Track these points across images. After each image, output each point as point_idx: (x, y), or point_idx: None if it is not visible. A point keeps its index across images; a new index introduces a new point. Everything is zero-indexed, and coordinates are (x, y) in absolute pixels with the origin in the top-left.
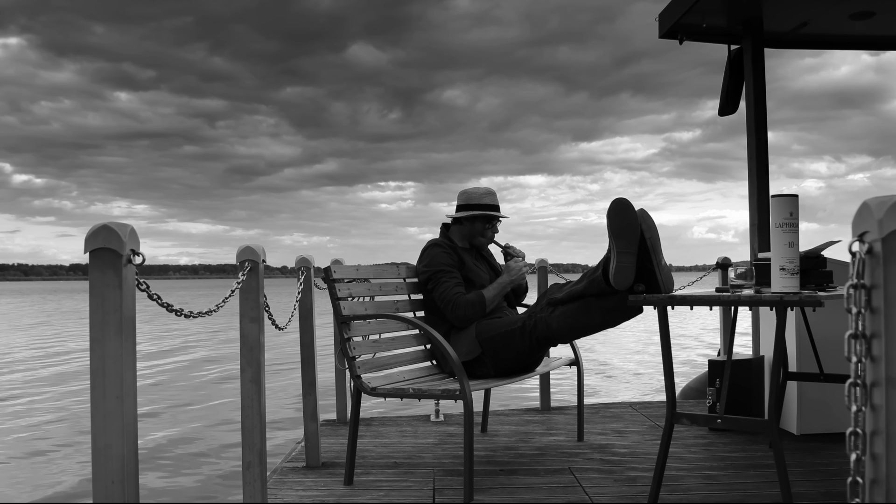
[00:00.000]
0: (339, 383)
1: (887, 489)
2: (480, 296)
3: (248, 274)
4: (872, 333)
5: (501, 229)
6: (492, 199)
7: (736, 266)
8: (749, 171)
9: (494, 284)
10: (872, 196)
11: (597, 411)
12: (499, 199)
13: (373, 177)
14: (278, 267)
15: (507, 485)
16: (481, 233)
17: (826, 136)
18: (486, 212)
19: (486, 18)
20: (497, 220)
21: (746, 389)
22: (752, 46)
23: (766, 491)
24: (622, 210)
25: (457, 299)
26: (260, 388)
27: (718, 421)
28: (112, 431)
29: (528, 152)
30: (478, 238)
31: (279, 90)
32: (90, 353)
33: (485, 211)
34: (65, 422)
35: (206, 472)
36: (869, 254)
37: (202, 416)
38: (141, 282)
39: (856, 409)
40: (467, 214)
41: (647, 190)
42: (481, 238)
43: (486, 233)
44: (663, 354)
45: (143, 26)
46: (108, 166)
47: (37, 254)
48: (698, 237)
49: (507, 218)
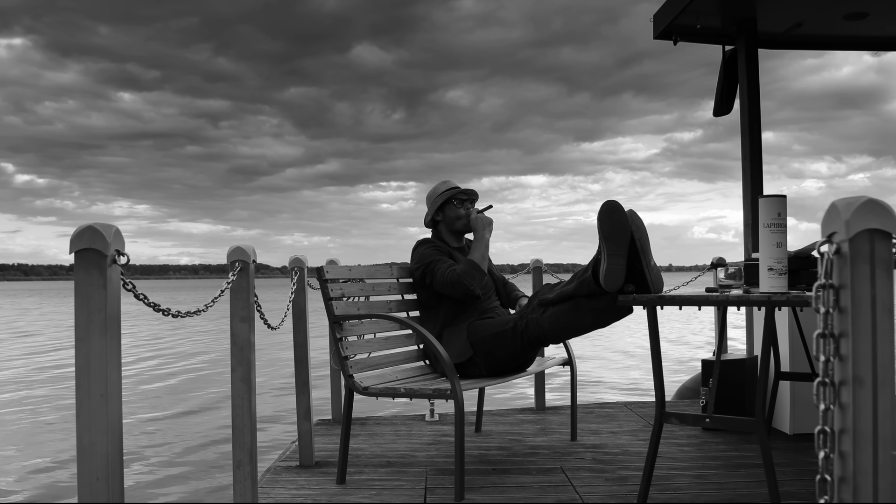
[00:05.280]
0: (334, 383)
1: (854, 487)
2: (469, 261)
3: (239, 274)
4: (840, 333)
5: (504, 224)
6: (449, 185)
7: (725, 266)
8: (743, 172)
9: (474, 246)
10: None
11: (591, 411)
12: (499, 199)
13: (374, 177)
14: (278, 267)
15: (498, 484)
16: (457, 215)
17: (827, 136)
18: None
19: (491, 19)
20: (466, 199)
21: (740, 389)
22: (746, 47)
23: (756, 490)
24: (613, 213)
25: (451, 276)
26: (250, 387)
27: (707, 420)
28: (97, 429)
29: (529, 152)
30: (459, 223)
31: (283, 90)
32: (75, 352)
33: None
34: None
35: (197, 471)
36: (837, 254)
37: (198, 415)
38: (127, 282)
39: (824, 407)
40: (434, 207)
41: (647, 190)
42: (462, 221)
43: (460, 211)
44: (652, 354)
45: (148, 27)
46: (111, 166)
47: (38, 254)
48: (699, 237)
49: (476, 193)
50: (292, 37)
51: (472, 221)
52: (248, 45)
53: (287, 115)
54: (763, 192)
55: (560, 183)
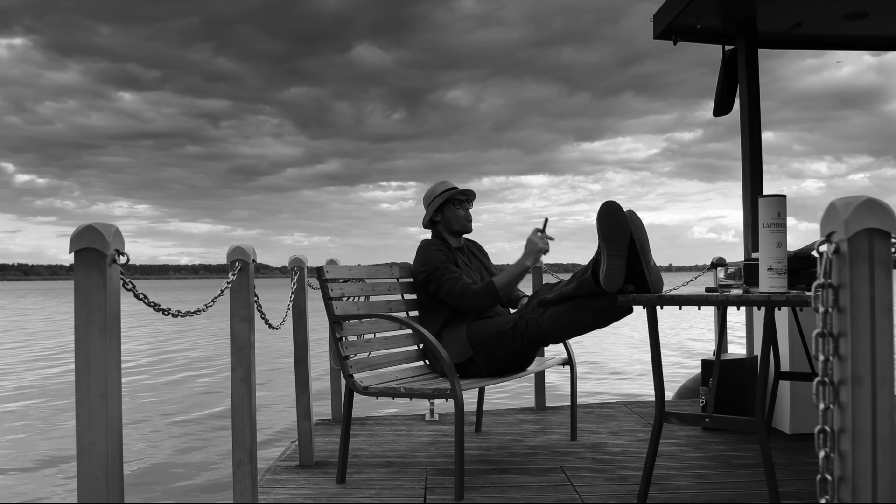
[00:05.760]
0: (335, 382)
1: (854, 486)
2: (490, 283)
3: (239, 274)
4: (839, 332)
5: (504, 224)
6: (446, 185)
7: (725, 266)
8: (743, 172)
9: (508, 269)
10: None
11: (591, 410)
12: (499, 199)
13: (375, 177)
14: (278, 267)
15: (498, 484)
16: (456, 217)
17: (827, 136)
18: (445, 194)
19: (491, 19)
20: (465, 199)
21: (740, 388)
22: (746, 47)
23: (755, 490)
24: (612, 214)
25: (464, 292)
26: (250, 386)
27: (707, 420)
28: (96, 429)
29: (530, 152)
30: (458, 223)
31: (283, 90)
32: (75, 351)
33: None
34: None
35: (196, 470)
36: (836, 254)
37: (196, 415)
38: (127, 281)
39: (823, 407)
40: (433, 208)
41: (648, 190)
42: (461, 222)
43: (459, 212)
44: (652, 353)
45: (148, 27)
46: (111, 166)
47: (38, 253)
48: (699, 237)
49: (473, 193)
50: (293, 37)
51: (528, 243)
52: (249, 45)
53: (287, 115)
54: (763, 192)
55: (560, 183)
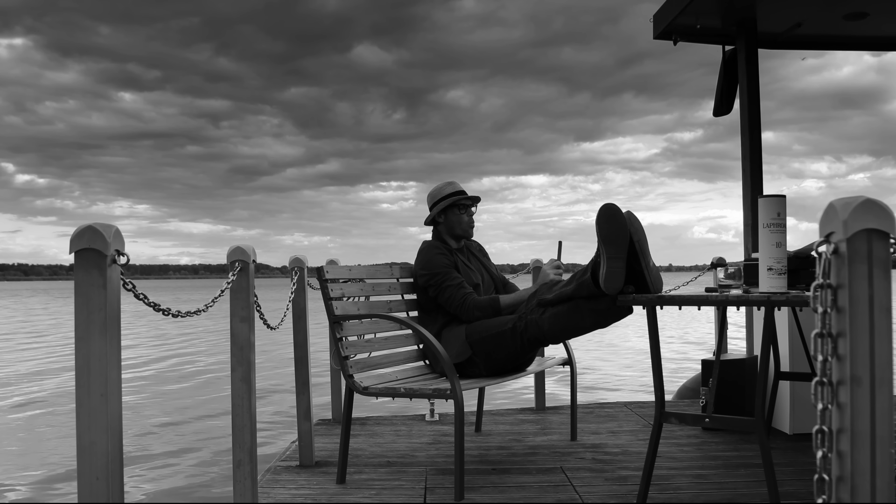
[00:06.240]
0: (335, 383)
1: (852, 486)
2: (495, 300)
3: (239, 274)
4: (838, 332)
5: (504, 224)
6: (454, 188)
7: (725, 266)
8: (743, 172)
9: (518, 293)
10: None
11: (591, 411)
12: (499, 199)
13: (375, 177)
14: (278, 267)
15: (498, 484)
16: (459, 222)
17: (827, 136)
18: (451, 197)
19: (491, 19)
20: (469, 204)
21: (740, 389)
22: (746, 47)
23: (755, 490)
24: (611, 216)
25: (464, 302)
26: (250, 386)
27: (707, 420)
28: (97, 429)
29: (530, 152)
30: (459, 228)
31: (284, 90)
32: (75, 351)
33: (449, 198)
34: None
35: (197, 470)
36: (835, 254)
37: (196, 415)
38: (127, 282)
39: (822, 407)
40: (437, 210)
41: (648, 190)
42: (463, 227)
43: (463, 218)
44: (652, 354)
45: (149, 27)
46: (111, 166)
47: (38, 253)
48: (699, 237)
49: (479, 199)
50: (293, 37)
51: (541, 274)
52: (249, 45)
53: (288, 115)
54: (763, 192)
55: (560, 183)
